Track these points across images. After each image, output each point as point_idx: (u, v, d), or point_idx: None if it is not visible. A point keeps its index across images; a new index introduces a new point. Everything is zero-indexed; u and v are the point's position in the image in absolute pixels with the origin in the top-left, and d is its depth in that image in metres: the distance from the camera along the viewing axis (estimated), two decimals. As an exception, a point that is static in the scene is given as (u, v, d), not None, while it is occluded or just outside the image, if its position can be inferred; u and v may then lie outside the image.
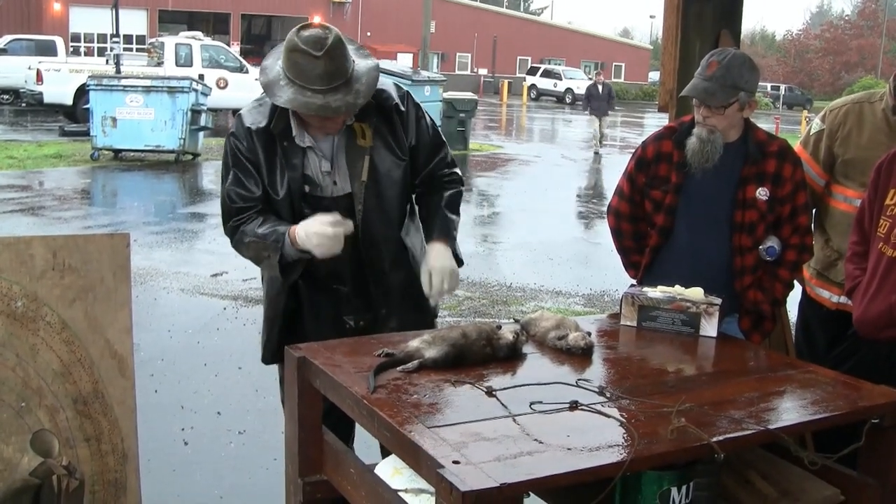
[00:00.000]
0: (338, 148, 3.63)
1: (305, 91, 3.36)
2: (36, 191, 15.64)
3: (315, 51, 3.32)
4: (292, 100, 3.39)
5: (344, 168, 3.63)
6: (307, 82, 3.36)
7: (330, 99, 3.37)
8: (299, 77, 3.36)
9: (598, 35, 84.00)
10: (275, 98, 3.44)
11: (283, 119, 3.58)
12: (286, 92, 3.40)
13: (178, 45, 29.15)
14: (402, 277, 3.77)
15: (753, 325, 4.08)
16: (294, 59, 3.37)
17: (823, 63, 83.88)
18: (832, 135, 4.40)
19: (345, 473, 2.89)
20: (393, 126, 3.68)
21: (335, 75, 3.37)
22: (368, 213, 3.65)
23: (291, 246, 3.49)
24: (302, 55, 3.34)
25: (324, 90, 3.36)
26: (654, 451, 2.41)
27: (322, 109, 3.38)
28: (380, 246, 3.70)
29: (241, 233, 3.63)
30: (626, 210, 4.21)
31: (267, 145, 3.59)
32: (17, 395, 3.36)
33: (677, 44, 4.95)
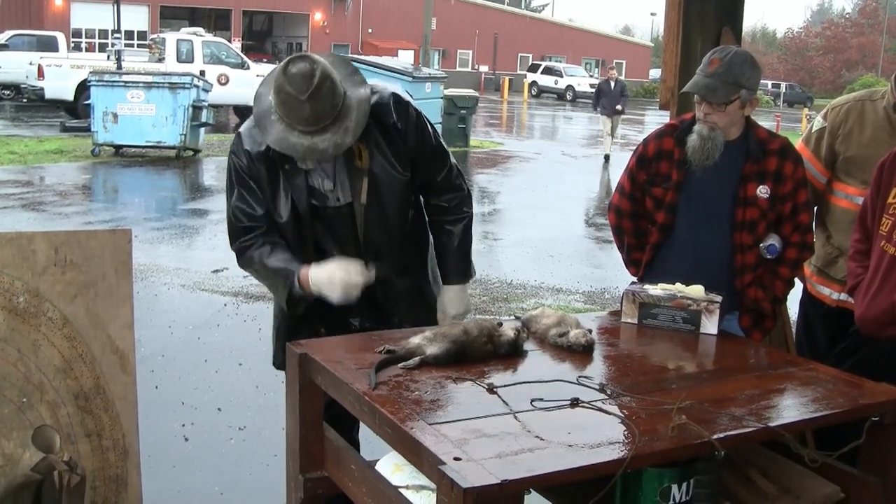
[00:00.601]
0: (339, 165, 3.63)
1: (293, 131, 3.37)
2: (37, 186, 15.63)
3: (300, 94, 3.30)
4: (280, 140, 3.40)
5: (346, 184, 3.64)
6: (294, 122, 3.36)
7: (318, 139, 3.37)
8: (287, 115, 3.36)
9: (599, 32, 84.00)
10: (265, 135, 3.44)
11: None
12: (275, 129, 3.40)
13: (179, 41, 29.11)
14: (409, 283, 3.80)
15: (754, 322, 4.08)
16: (281, 98, 3.35)
17: (824, 61, 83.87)
18: (834, 132, 4.41)
19: (346, 470, 2.89)
20: (392, 140, 3.65)
21: (322, 116, 3.36)
22: (370, 230, 3.67)
23: (300, 287, 3.53)
24: (288, 96, 3.33)
25: (311, 131, 3.37)
26: (655, 448, 2.41)
27: (309, 152, 3.40)
28: (383, 256, 3.69)
29: (249, 258, 3.66)
30: (627, 207, 4.21)
31: (268, 167, 3.59)
32: (19, 390, 3.37)
33: (679, 41, 4.95)
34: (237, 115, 30.31)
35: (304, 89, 3.29)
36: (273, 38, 71.49)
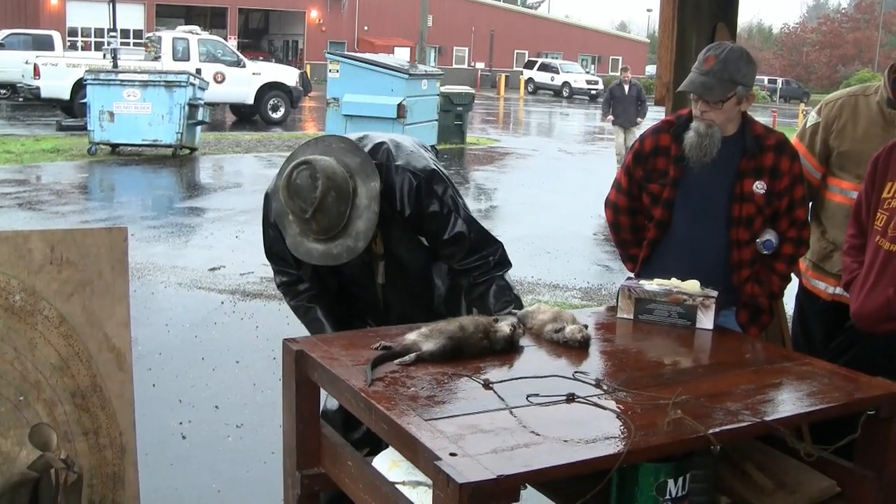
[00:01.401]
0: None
1: (307, 237, 3.47)
2: (33, 185, 15.61)
3: (304, 212, 3.37)
4: (296, 245, 3.51)
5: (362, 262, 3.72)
6: (303, 232, 3.47)
7: (331, 246, 3.45)
8: (296, 221, 3.47)
9: (596, 29, 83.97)
10: (283, 232, 3.56)
11: None
12: (291, 232, 3.51)
13: (175, 39, 29.08)
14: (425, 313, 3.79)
15: (751, 318, 4.08)
16: (289, 208, 3.44)
17: (820, 56, 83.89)
18: (828, 127, 4.42)
19: (342, 466, 2.89)
20: (407, 224, 3.65)
21: (330, 227, 3.42)
22: (390, 305, 3.81)
23: None
24: (293, 211, 3.42)
25: (322, 239, 3.45)
26: (651, 443, 2.42)
27: (324, 258, 3.47)
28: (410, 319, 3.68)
29: (293, 307, 3.89)
30: (624, 203, 4.21)
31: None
32: (16, 388, 3.37)
33: (674, 37, 4.95)
34: (233, 112, 30.32)
35: (309, 204, 3.33)
36: (269, 36, 71.48)
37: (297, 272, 3.78)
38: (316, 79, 40.23)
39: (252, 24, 70.48)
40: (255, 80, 28.49)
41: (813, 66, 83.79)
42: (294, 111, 31.10)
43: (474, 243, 3.75)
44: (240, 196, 15.29)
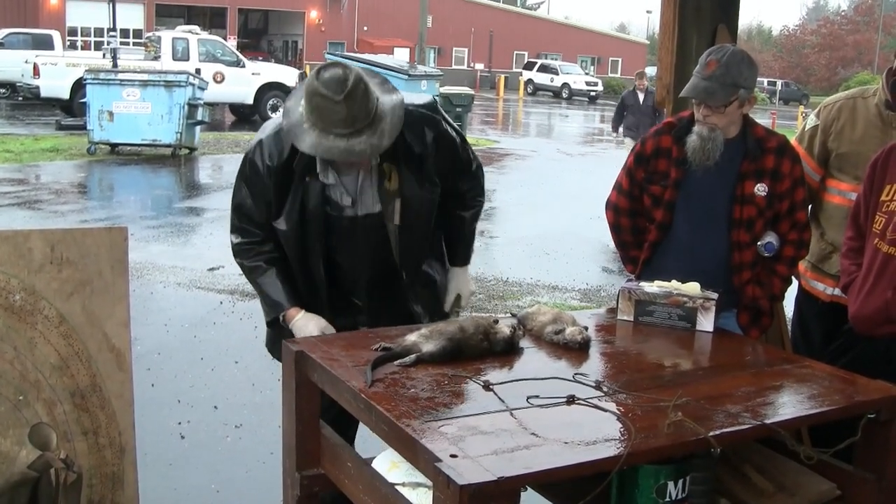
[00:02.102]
0: (363, 186, 3.62)
1: (328, 135, 3.33)
2: (33, 184, 15.61)
3: (336, 94, 3.27)
4: (316, 145, 3.35)
5: (368, 195, 3.63)
6: (330, 126, 3.32)
7: (354, 142, 3.34)
8: (321, 120, 3.32)
9: (595, 30, 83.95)
10: (298, 143, 3.40)
11: (306, 156, 3.54)
12: (309, 136, 3.36)
13: (174, 39, 29.08)
14: (422, 309, 3.80)
15: (752, 320, 4.08)
16: (315, 103, 3.32)
17: (820, 58, 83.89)
18: (826, 130, 4.44)
19: (342, 467, 2.89)
20: (422, 162, 3.64)
21: (358, 118, 3.32)
22: (405, 248, 3.70)
23: (284, 320, 3.67)
24: (323, 99, 3.29)
25: (347, 133, 3.32)
26: (651, 445, 2.42)
27: (346, 154, 3.36)
28: (412, 271, 3.73)
29: (244, 266, 3.79)
30: (625, 205, 4.21)
31: (284, 178, 3.59)
32: (15, 388, 3.37)
33: (674, 38, 4.95)
34: (233, 112, 30.31)
35: (339, 91, 3.27)
36: (269, 36, 71.46)
37: (261, 234, 3.68)
38: (315, 79, 40.00)
39: (252, 25, 70.45)
40: (254, 80, 28.48)
41: (812, 69, 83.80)
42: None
43: (474, 168, 3.91)
44: (239, 196, 15.25)
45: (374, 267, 3.72)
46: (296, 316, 3.62)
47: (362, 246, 3.68)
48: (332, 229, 3.63)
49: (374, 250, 3.68)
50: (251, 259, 3.73)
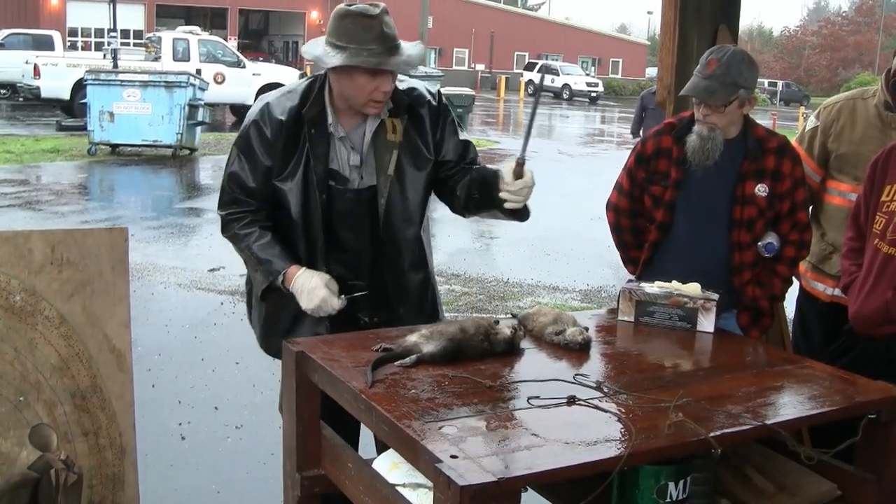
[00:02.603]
0: (368, 143, 3.61)
1: (360, 53, 3.34)
2: (33, 185, 15.62)
3: (367, 13, 3.34)
4: (348, 58, 3.35)
5: (372, 162, 3.61)
6: (361, 44, 3.34)
7: (386, 58, 3.37)
8: (352, 41, 3.34)
9: (596, 31, 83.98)
10: (328, 62, 3.39)
11: (317, 105, 3.55)
12: (340, 56, 3.37)
13: (175, 39, 29.10)
14: (420, 279, 3.77)
15: (752, 320, 4.09)
16: (346, 25, 3.36)
17: (821, 59, 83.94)
18: (826, 131, 4.46)
19: (342, 468, 2.89)
20: (423, 126, 3.66)
21: (389, 38, 3.37)
22: (391, 209, 3.63)
23: (283, 283, 3.54)
24: (355, 19, 3.35)
25: (378, 51, 3.35)
26: (652, 445, 2.41)
27: (381, 64, 3.36)
28: (400, 243, 3.67)
29: (235, 235, 3.66)
30: (626, 205, 4.21)
31: (291, 134, 3.55)
32: (16, 389, 3.37)
33: (675, 39, 4.95)
34: (233, 113, 30.30)
35: (374, 8, 3.36)
36: (269, 37, 71.50)
37: (255, 203, 3.62)
38: (316, 80, 40.01)
39: (252, 25, 70.51)
40: (255, 80, 28.48)
41: (813, 69, 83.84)
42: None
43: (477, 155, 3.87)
44: (240, 197, 15.25)
45: (375, 246, 3.67)
46: (296, 273, 3.52)
47: (365, 226, 3.64)
48: (336, 204, 3.61)
49: (374, 227, 3.65)
50: (244, 226, 3.64)
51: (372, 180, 3.61)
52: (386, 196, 3.60)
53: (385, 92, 3.47)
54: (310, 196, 3.57)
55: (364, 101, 3.47)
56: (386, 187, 3.60)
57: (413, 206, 3.68)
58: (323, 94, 3.57)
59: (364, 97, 3.46)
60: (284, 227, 3.64)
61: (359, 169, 3.61)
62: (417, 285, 3.77)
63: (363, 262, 3.67)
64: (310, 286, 3.48)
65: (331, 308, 3.48)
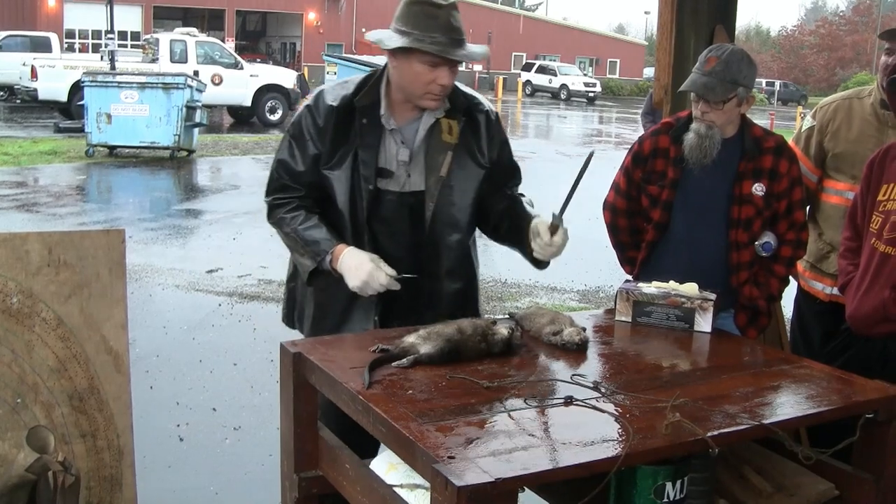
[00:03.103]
0: (420, 140, 3.56)
1: (424, 38, 3.31)
2: (31, 187, 15.62)
3: (437, 2, 3.33)
4: (412, 42, 3.32)
5: (422, 163, 3.56)
6: (426, 31, 3.31)
7: (449, 48, 3.33)
8: (418, 27, 3.32)
9: (593, 31, 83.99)
10: (388, 44, 3.37)
11: (371, 94, 3.52)
12: (401, 39, 3.35)
13: (172, 41, 29.06)
14: (457, 289, 3.71)
15: (749, 320, 4.09)
16: (414, 11, 3.33)
17: (818, 59, 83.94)
18: (822, 130, 4.47)
19: (340, 469, 2.89)
20: (478, 133, 3.64)
21: (455, 29, 3.35)
22: (439, 213, 3.58)
23: (330, 263, 3.47)
24: (423, 6, 3.32)
25: (442, 41, 3.32)
26: (649, 445, 2.41)
27: (443, 52, 3.32)
28: (440, 248, 3.62)
29: (281, 219, 3.61)
30: (623, 205, 4.21)
31: (341, 122, 3.52)
32: (13, 391, 3.36)
33: (672, 39, 4.95)
34: (231, 114, 30.31)
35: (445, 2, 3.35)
36: (267, 38, 71.53)
37: (303, 189, 3.58)
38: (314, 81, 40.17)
39: (249, 26, 70.52)
40: (252, 82, 28.47)
41: (811, 69, 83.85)
42: (292, 113, 31.03)
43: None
44: (237, 198, 15.29)
45: (413, 255, 3.60)
46: (343, 251, 3.45)
47: (405, 233, 3.60)
48: (376, 210, 3.56)
49: (419, 237, 3.60)
50: (290, 210, 3.59)
51: (418, 181, 3.57)
52: (435, 198, 3.56)
53: (443, 86, 3.42)
54: (358, 186, 3.53)
55: (421, 91, 3.43)
56: (436, 189, 3.56)
57: (459, 212, 3.64)
58: (379, 84, 3.54)
59: (421, 87, 3.42)
60: (331, 217, 3.59)
61: (406, 165, 3.56)
62: (453, 294, 3.69)
63: (400, 266, 3.56)
64: (356, 262, 3.42)
65: (378, 284, 3.39)
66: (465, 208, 3.65)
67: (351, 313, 3.61)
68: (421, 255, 3.60)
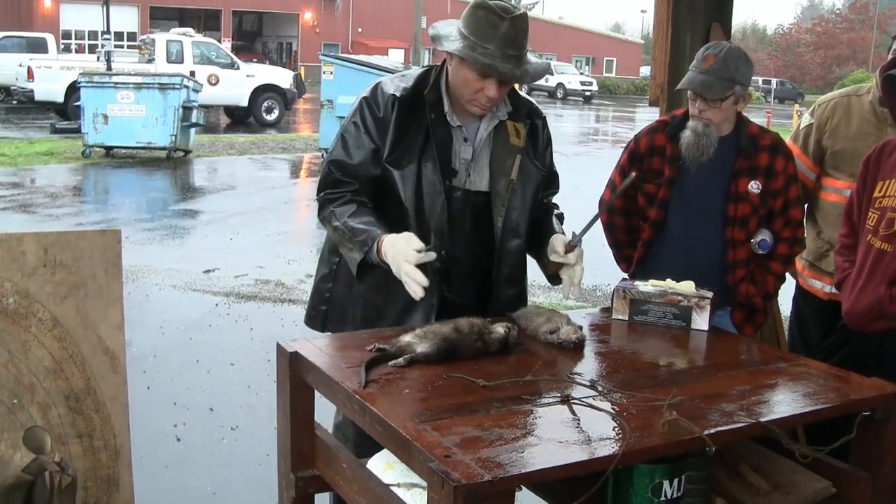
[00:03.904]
0: (482, 141, 3.52)
1: (477, 47, 3.24)
2: (28, 188, 15.60)
3: (502, 11, 3.25)
4: (461, 49, 3.26)
5: (484, 163, 3.51)
6: (482, 40, 3.24)
7: (498, 63, 3.25)
8: (475, 34, 3.25)
9: (590, 30, 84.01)
10: (445, 45, 3.33)
11: (436, 90, 3.46)
12: (456, 44, 3.29)
13: (169, 41, 29.04)
14: (513, 295, 3.68)
15: (746, 318, 4.09)
16: (478, 16, 3.27)
17: (815, 57, 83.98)
18: (821, 128, 4.47)
19: (337, 468, 2.89)
20: (537, 137, 3.62)
21: (513, 44, 3.27)
22: (510, 216, 3.54)
23: (377, 254, 3.33)
24: (487, 12, 3.25)
25: (494, 54, 3.25)
26: (646, 444, 2.41)
27: (488, 68, 3.25)
28: (503, 255, 3.58)
29: (332, 213, 3.48)
30: (619, 204, 4.21)
31: (404, 114, 3.42)
32: (10, 391, 3.36)
33: (668, 38, 4.96)
34: (227, 115, 30.30)
35: (507, 11, 3.26)
36: (263, 38, 71.50)
37: (357, 184, 3.46)
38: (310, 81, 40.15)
39: (246, 27, 70.50)
40: (249, 82, 28.47)
41: (807, 67, 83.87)
42: (288, 113, 31.09)
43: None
44: (234, 198, 15.29)
45: (473, 258, 3.56)
46: (385, 238, 3.30)
47: (468, 231, 3.53)
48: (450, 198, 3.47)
49: (477, 238, 3.54)
50: (341, 204, 3.46)
51: (478, 180, 3.52)
52: (507, 202, 3.52)
53: (490, 98, 3.36)
54: (429, 182, 3.42)
55: (468, 98, 3.38)
56: (507, 193, 3.51)
57: (521, 217, 3.60)
58: (440, 80, 3.48)
59: (469, 94, 3.37)
60: (394, 213, 3.46)
61: (468, 164, 3.51)
62: (508, 300, 3.64)
63: (460, 262, 3.55)
64: (392, 247, 3.28)
65: (404, 261, 3.22)
66: (525, 213, 3.61)
67: (409, 315, 3.50)
68: (481, 258, 3.55)
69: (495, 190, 3.52)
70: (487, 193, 3.53)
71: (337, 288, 3.72)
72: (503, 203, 3.52)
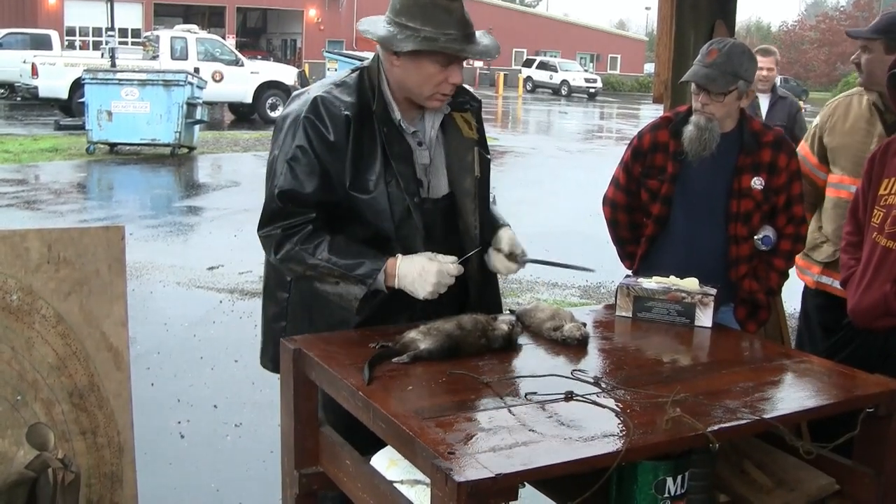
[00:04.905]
0: (433, 141, 3.33)
1: (438, 36, 3.02)
2: (32, 185, 15.62)
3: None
4: (424, 42, 3.03)
5: (440, 165, 3.34)
6: (439, 27, 3.02)
7: (466, 45, 3.07)
8: (429, 24, 3.02)
9: (594, 27, 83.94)
10: (399, 46, 3.07)
11: (381, 100, 3.20)
12: (412, 40, 3.04)
13: (173, 38, 29.07)
14: (491, 294, 3.59)
15: (749, 314, 4.09)
16: (422, 4, 3.03)
17: (819, 54, 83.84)
18: (822, 127, 4.58)
19: (341, 465, 2.89)
20: (481, 124, 3.48)
21: (468, 23, 3.07)
22: (483, 213, 3.40)
23: (384, 282, 3.14)
24: (433, 3, 3.03)
25: (457, 37, 3.04)
26: (650, 441, 2.41)
27: (462, 52, 3.06)
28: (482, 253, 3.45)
29: (300, 252, 3.14)
30: (622, 200, 4.21)
31: (359, 132, 3.15)
32: (13, 388, 3.36)
33: (672, 34, 4.95)
34: (232, 111, 30.31)
35: None
36: (267, 35, 71.51)
37: (314, 212, 3.13)
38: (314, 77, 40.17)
39: (250, 23, 70.48)
40: (253, 78, 28.48)
41: (811, 65, 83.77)
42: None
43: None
44: (238, 195, 15.28)
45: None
46: (397, 263, 3.11)
47: (440, 238, 3.30)
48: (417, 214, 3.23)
49: (452, 242, 3.33)
50: (307, 239, 3.13)
51: (439, 185, 3.34)
52: (477, 201, 3.36)
53: (454, 84, 3.15)
54: (397, 201, 3.19)
55: (430, 93, 3.16)
56: (475, 188, 3.35)
57: (486, 211, 3.48)
58: (383, 86, 3.22)
59: (430, 88, 3.14)
60: (365, 237, 3.22)
61: (426, 169, 3.31)
62: (487, 302, 3.52)
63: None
64: (417, 269, 3.10)
65: (449, 278, 3.11)
66: (485, 206, 3.48)
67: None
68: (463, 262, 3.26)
69: (462, 189, 3.35)
70: (450, 195, 3.37)
71: (292, 325, 3.42)
72: (474, 201, 3.36)
